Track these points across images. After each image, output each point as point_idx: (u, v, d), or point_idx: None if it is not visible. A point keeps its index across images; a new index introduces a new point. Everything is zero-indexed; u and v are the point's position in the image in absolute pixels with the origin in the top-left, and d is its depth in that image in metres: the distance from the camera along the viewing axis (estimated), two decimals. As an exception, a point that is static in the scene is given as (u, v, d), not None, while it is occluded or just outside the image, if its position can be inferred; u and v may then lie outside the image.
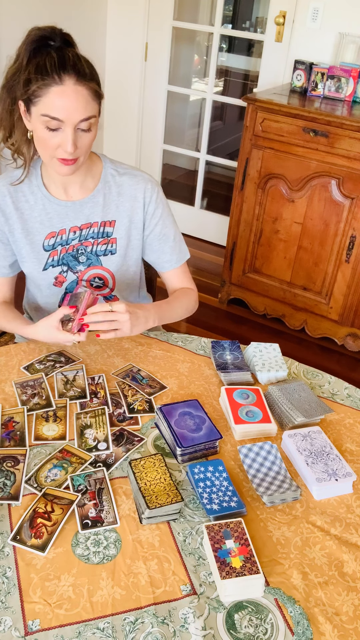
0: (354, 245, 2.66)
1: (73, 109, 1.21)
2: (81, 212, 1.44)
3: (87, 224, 1.45)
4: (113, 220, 1.46)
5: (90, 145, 1.30)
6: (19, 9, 2.95)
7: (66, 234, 1.45)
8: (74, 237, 1.46)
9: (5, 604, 0.90)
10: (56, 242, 1.46)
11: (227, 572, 0.93)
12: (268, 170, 2.76)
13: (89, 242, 1.46)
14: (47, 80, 1.19)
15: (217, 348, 1.46)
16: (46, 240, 1.45)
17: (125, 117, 3.78)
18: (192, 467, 1.12)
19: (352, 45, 2.87)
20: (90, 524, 1.02)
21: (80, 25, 3.36)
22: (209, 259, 3.69)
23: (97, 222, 1.45)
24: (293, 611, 0.92)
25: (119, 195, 1.45)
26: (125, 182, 1.45)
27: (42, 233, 1.45)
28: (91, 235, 1.46)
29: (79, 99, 1.21)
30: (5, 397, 1.29)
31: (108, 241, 1.47)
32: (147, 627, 0.89)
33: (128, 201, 1.45)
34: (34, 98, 1.22)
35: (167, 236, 1.52)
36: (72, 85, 1.20)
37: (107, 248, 1.48)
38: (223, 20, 3.37)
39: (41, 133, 1.25)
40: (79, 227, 1.45)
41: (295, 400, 1.29)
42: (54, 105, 1.20)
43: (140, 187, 1.45)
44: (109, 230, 1.47)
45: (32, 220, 1.44)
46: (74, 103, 1.21)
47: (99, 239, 1.47)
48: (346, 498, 1.13)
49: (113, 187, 1.45)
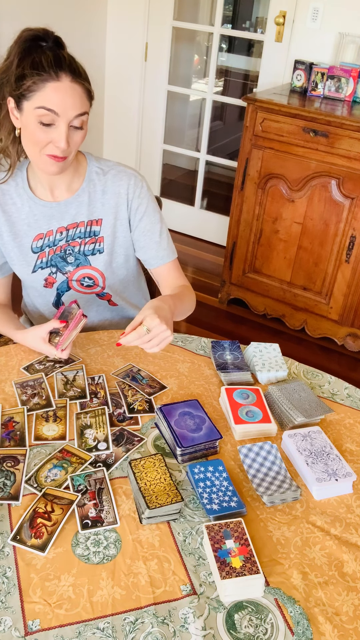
0: (354, 245, 2.66)
1: (69, 104, 1.21)
2: (67, 213, 1.43)
3: (74, 224, 1.44)
4: (99, 218, 1.45)
5: (80, 144, 1.30)
6: (19, 9, 2.95)
7: (53, 235, 1.45)
8: (60, 238, 1.45)
9: (5, 604, 0.90)
10: (44, 243, 1.45)
11: (227, 572, 0.93)
12: (268, 170, 2.76)
13: (76, 242, 1.46)
14: (43, 75, 1.19)
15: (217, 348, 1.46)
16: (34, 242, 1.45)
17: (125, 117, 3.78)
18: (192, 467, 1.12)
19: (352, 45, 2.87)
20: (90, 524, 1.02)
21: (80, 25, 3.36)
22: (209, 259, 3.69)
23: (84, 222, 1.44)
24: (293, 611, 0.92)
25: (103, 193, 1.43)
26: (109, 179, 1.43)
27: (29, 235, 1.44)
28: (78, 235, 1.45)
29: (74, 95, 1.22)
30: (5, 397, 1.29)
31: (95, 240, 1.46)
32: (147, 627, 0.89)
33: (112, 198, 1.44)
34: (28, 93, 1.21)
35: (152, 232, 1.48)
36: (69, 82, 1.21)
37: (94, 247, 1.47)
38: (223, 20, 3.37)
39: (33, 128, 1.24)
40: (65, 227, 1.44)
41: (295, 400, 1.29)
42: (50, 98, 1.20)
43: (124, 183, 1.43)
44: (96, 229, 1.45)
45: (20, 222, 1.43)
46: (69, 99, 1.21)
47: (86, 239, 1.46)
48: (346, 498, 1.13)
49: (98, 185, 1.43)
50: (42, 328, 1.32)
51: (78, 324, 1.31)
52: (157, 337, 1.20)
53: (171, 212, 3.78)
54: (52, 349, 1.31)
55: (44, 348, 1.33)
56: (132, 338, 1.19)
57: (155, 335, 1.19)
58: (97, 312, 1.60)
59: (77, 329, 1.31)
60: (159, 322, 1.19)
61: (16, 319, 1.54)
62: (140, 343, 1.20)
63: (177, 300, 1.39)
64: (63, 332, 1.31)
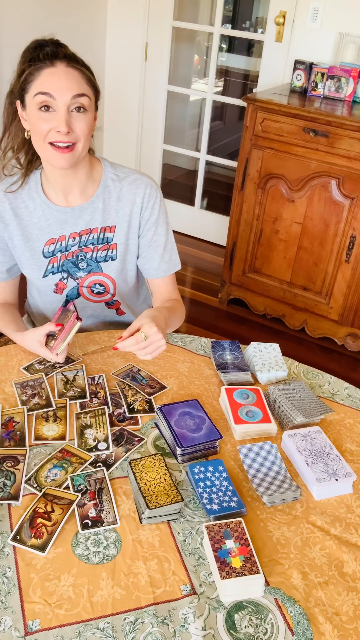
0: (354, 245, 2.66)
1: (64, 86, 1.21)
2: (81, 218, 1.42)
3: (87, 230, 1.44)
4: (113, 225, 1.44)
5: (88, 131, 1.27)
6: (20, 10, 2.94)
7: (65, 240, 1.44)
8: (73, 244, 1.44)
9: (5, 604, 0.90)
10: (56, 248, 1.45)
11: (227, 572, 0.93)
12: (268, 170, 2.76)
13: (89, 248, 1.45)
14: (38, 64, 1.21)
15: (217, 348, 1.46)
16: (46, 247, 1.44)
17: (125, 117, 3.78)
18: (192, 467, 1.12)
19: (352, 45, 2.87)
20: (90, 524, 1.02)
21: (81, 25, 3.36)
22: (209, 259, 3.69)
23: (97, 228, 1.44)
24: (293, 611, 0.92)
25: (118, 200, 1.43)
26: (125, 187, 1.43)
27: (41, 239, 1.44)
28: (91, 242, 1.45)
29: (69, 78, 1.22)
30: (5, 397, 1.29)
31: (108, 247, 1.46)
32: (147, 627, 0.89)
33: (127, 206, 1.43)
34: (27, 84, 1.23)
35: (157, 243, 1.48)
36: (64, 67, 1.22)
37: (107, 254, 1.46)
38: (223, 20, 3.37)
39: (35, 119, 1.24)
40: (78, 233, 1.43)
41: (295, 400, 1.29)
42: (45, 82, 1.21)
43: (140, 192, 1.42)
44: (109, 236, 1.45)
45: (32, 226, 1.43)
46: (64, 81, 1.21)
47: (98, 245, 1.45)
48: (346, 498, 1.13)
49: (113, 192, 1.42)
50: (39, 331, 1.33)
51: (72, 327, 1.30)
52: (153, 345, 1.21)
53: (171, 212, 3.75)
54: (49, 352, 1.31)
55: (41, 351, 1.33)
56: (129, 343, 1.21)
57: (151, 342, 1.21)
58: (104, 326, 1.61)
59: (72, 333, 1.30)
60: (156, 331, 1.21)
61: (19, 320, 1.53)
62: (136, 349, 1.21)
63: (170, 313, 1.41)
64: (59, 335, 1.31)
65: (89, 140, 1.31)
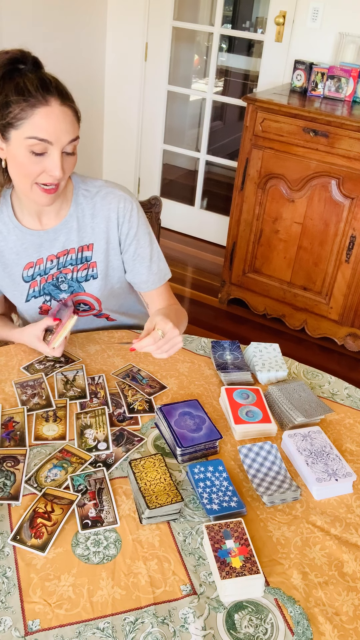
0: (354, 245, 2.66)
1: (62, 131, 1.15)
2: (56, 240, 1.37)
3: (64, 251, 1.38)
4: (90, 243, 1.39)
5: (72, 170, 1.25)
6: (20, 10, 2.95)
7: (44, 263, 1.39)
8: (51, 266, 1.39)
9: (5, 604, 0.90)
10: (35, 272, 1.40)
11: (227, 572, 0.93)
12: (268, 170, 2.76)
13: (68, 269, 1.40)
14: (31, 101, 1.13)
15: (217, 348, 1.46)
16: (25, 271, 1.40)
17: (125, 117, 3.78)
18: (192, 467, 1.12)
19: (352, 45, 2.87)
20: (90, 524, 1.02)
21: (80, 25, 3.36)
22: (209, 259, 3.69)
23: (74, 248, 1.38)
24: (293, 611, 0.92)
25: (93, 217, 1.37)
26: (97, 202, 1.36)
27: (19, 264, 1.39)
28: (69, 262, 1.40)
29: (66, 120, 1.16)
30: (5, 397, 1.29)
31: (88, 266, 1.40)
32: (147, 627, 0.89)
33: (102, 222, 1.37)
34: (16, 121, 1.14)
35: (142, 256, 1.42)
36: (59, 106, 1.15)
37: (87, 273, 1.41)
38: (223, 20, 3.37)
39: (23, 159, 1.17)
40: (55, 255, 1.38)
41: (295, 400, 1.29)
42: (41, 126, 1.14)
43: (114, 207, 1.36)
44: (88, 255, 1.40)
45: (8, 251, 1.38)
46: (62, 124, 1.15)
47: (78, 265, 1.40)
48: (346, 498, 1.13)
49: (86, 209, 1.36)
50: (37, 326, 1.33)
51: (69, 322, 1.30)
52: (170, 342, 1.18)
53: (171, 212, 3.78)
54: (46, 347, 1.31)
55: (39, 346, 1.33)
56: (147, 342, 1.16)
57: (168, 339, 1.18)
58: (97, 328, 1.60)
59: (68, 328, 1.30)
60: (172, 327, 1.18)
61: (11, 323, 1.53)
62: (154, 349, 1.18)
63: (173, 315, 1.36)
64: (56, 329, 1.32)
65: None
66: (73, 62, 3.38)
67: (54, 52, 3.20)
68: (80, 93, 3.91)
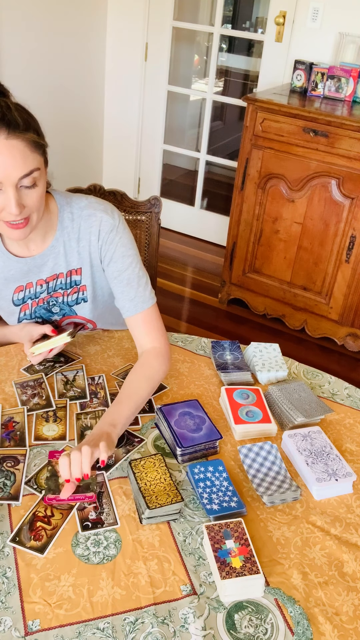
0: (354, 245, 2.66)
1: (9, 167, 1.09)
2: (45, 265, 1.34)
3: (53, 276, 1.36)
4: (79, 267, 1.36)
5: (41, 201, 1.18)
6: (20, 10, 2.94)
7: (34, 287, 1.38)
8: (41, 291, 1.38)
9: (5, 604, 0.90)
10: (25, 295, 1.39)
11: (227, 572, 0.93)
12: (268, 170, 2.76)
13: (59, 293, 1.38)
14: None
15: (217, 348, 1.46)
16: (15, 295, 1.39)
17: (125, 117, 3.78)
18: (192, 467, 1.12)
19: (352, 45, 2.87)
20: (90, 526, 1.02)
21: (80, 25, 3.36)
22: (209, 259, 3.69)
23: (63, 273, 1.36)
24: (293, 611, 0.92)
25: (78, 241, 1.33)
26: (82, 225, 1.32)
27: (9, 288, 1.38)
28: (59, 287, 1.37)
29: (14, 154, 1.09)
30: (5, 397, 1.29)
31: (78, 289, 1.38)
32: (147, 627, 0.89)
33: (86, 246, 1.33)
34: None
35: (118, 279, 1.34)
36: (4, 140, 1.08)
37: (77, 296, 1.39)
38: (223, 20, 3.37)
39: None
40: (44, 280, 1.36)
41: (295, 400, 1.29)
42: None
43: (95, 229, 1.31)
44: (77, 279, 1.37)
45: None
46: (8, 160, 1.08)
47: (67, 289, 1.38)
48: (346, 498, 1.13)
49: (72, 234, 1.32)
50: (36, 330, 1.34)
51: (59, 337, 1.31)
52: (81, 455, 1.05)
53: (171, 212, 3.78)
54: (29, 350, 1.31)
55: (26, 345, 1.33)
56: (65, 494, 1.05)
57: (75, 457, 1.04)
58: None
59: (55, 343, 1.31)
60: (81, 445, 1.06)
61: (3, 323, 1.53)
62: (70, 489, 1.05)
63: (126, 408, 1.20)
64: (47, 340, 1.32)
65: (43, 204, 1.21)
66: (73, 62, 3.38)
67: (54, 53, 3.20)
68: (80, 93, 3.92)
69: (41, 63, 3.18)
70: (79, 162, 3.75)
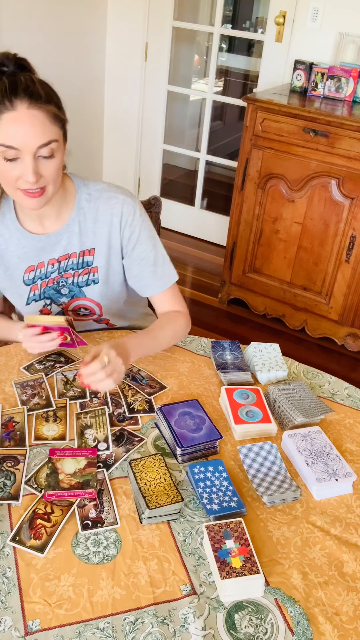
0: (354, 245, 2.66)
1: (29, 135, 1.12)
2: (58, 244, 1.36)
3: (65, 255, 1.38)
4: (92, 248, 1.38)
5: (57, 173, 1.21)
6: (20, 10, 2.94)
7: (45, 267, 1.39)
8: (52, 270, 1.39)
9: (5, 604, 0.90)
10: (35, 275, 1.40)
11: (227, 572, 0.93)
12: (268, 170, 2.76)
13: (69, 273, 1.40)
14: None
15: (217, 348, 1.46)
16: (26, 275, 1.40)
17: (125, 117, 3.78)
18: (192, 467, 1.12)
19: (352, 45, 2.87)
20: (90, 525, 1.02)
21: (80, 25, 3.36)
22: (209, 259, 3.69)
23: (75, 253, 1.38)
24: (293, 611, 0.92)
25: (95, 222, 1.35)
26: (100, 206, 1.35)
27: (20, 267, 1.39)
28: (70, 267, 1.39)
29: (34, 123, 1.12)
30: (5, 397, 1.29)
31: (89, 270, 1.40)
32: (147, 627, 0.89)
33: (105, 227, 1.36)
34: None
35: (146, 260, 1.40)
36: (25, 109, 1.11)
37: (88, 278, 1.41)
38: (223, 20, 3.37)
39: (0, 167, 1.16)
40: (56, 259, 1.38)
41: (295, 400, 1.29)
42: (7, 133, 1.12)
43: (117, 211, 1.35)
44: (89, 260, 1.39)
45: (9, 255, 1.38)
46: (29, 128, 1.12)
47: (79, 270, 1.40)
48: (346, 498, 1.13)
49: (88, 214, 1.35)
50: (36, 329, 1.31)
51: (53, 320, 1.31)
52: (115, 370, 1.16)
53: (171, 212, 3.78)
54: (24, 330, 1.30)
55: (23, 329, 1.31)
56: (94, 367, 1.14)
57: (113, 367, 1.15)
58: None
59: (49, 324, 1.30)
60: (115, 355, 1.16)
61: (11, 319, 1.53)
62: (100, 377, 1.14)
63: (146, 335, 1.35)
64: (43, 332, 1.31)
65: (60, 177, 1.24)
66: (73, 62, 3.38)
67: (54, 53, 3.20)
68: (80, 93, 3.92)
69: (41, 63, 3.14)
70: (79, 161, 3.74)
